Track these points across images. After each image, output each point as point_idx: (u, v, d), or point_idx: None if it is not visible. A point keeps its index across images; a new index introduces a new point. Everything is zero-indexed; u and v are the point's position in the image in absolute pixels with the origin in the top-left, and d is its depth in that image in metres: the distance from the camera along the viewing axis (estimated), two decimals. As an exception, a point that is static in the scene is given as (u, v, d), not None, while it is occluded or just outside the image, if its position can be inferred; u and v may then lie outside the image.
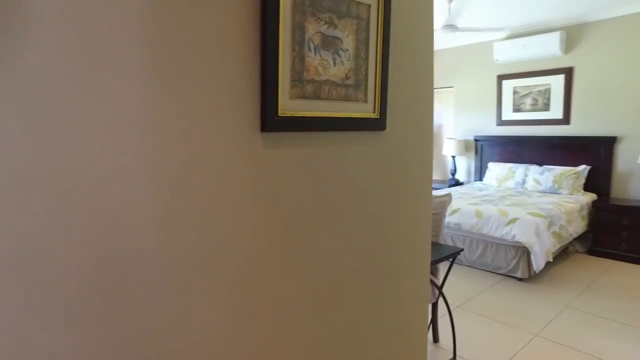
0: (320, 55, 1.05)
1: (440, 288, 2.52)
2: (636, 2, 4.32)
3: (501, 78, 5.60)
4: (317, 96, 1.06)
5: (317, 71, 1.05)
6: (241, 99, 0.92)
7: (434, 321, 2.74)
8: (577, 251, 4.52)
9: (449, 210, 4.22)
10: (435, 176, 6.67)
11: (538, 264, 3.55)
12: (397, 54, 1.28)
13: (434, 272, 2.63)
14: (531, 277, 3.73)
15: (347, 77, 1.12)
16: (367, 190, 1.23)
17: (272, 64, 0.94)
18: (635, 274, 3.88)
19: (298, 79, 1.01)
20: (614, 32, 4.63)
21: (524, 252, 3.64)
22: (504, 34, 5.50)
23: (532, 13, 4.72)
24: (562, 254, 4.36)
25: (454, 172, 6.03)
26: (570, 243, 4.47)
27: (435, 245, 2.55)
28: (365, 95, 1.18)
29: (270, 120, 0.96)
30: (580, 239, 4.49)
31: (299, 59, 1.00)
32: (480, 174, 5.89)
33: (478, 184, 5.64)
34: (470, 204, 4.16)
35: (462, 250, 2.42)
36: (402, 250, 1.37)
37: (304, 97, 1.03)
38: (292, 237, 1.06)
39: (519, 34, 5.36)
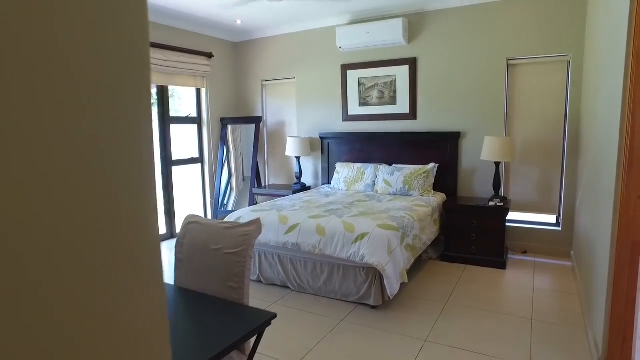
0: None
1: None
2: (473, -14, 4.04)
3: (345, 68, 4.98)
4: None
5: None
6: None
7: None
8: (430, 258, 4.07)
9: (284, 228, 3.31)
10: (280, 180, 5.81)
11: (392, 288, 2.85)
12: None
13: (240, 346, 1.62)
14: (385, 303, 3.04)
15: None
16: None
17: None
18: (485, 279, 3.51)
19: None
20: (452, 22, 4.32)
21: (376, 274, 2.92)
22: (346, 19, 4.88)
23: (373, -9, 4.14)
24: (416, 263, 3.84)
25: (299, 176, 5.23)
26: (424, 250, 3.98)
27: (237, 311, 1.55)
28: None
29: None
30: (433, 244, 4.04)
31: None
32: (328, 175, 5.21)
33: (326, 187, 4.92)
34: (312, 217, 3.32)
35: (274, 317, 1.46)
36: None
37: None
38: None
39: (362, 19, 4.79)
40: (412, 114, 4.63)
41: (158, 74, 4.71)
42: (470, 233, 3.86)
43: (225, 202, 5.59)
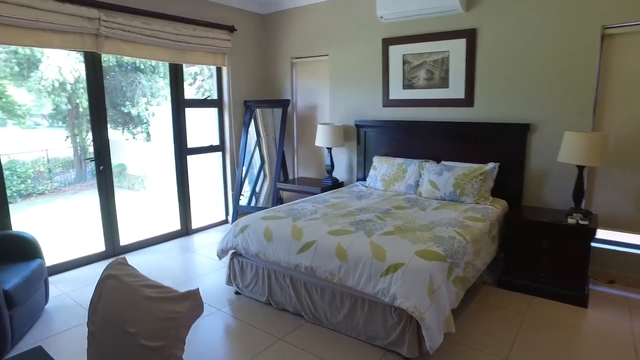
0: None
1: None
2: None
3: (387, 42, 4.13)
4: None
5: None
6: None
7: None
8: (484, 282, 3.24)
9: (297, 246, 2.62)
10: (309, 173, 5.11)
11: (433, 341, 2.10)
12: None
13: None
14: (423, 354, 2.29)
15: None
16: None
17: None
18: (560, 320, 2.66)
19: None
20: (528, -21, 3.35)
21: (412, 318, 2.17)
22: (390, -19, 4.00)
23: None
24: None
25: (330, 169, 4.50)
26: (476, 274, 3.16)
27: None
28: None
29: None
30: (489, 265, 3.21)
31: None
32: (364, 170, 4.44)
33: (360, 185, 4.17)
34: (333, 232, 2.60)
35: None
36: None
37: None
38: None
39: (408, -19, 3.89)
40: (468, 100, 3.73)
41: (168, 50, 4.10)
42: (539, 256, 2.99)
43: (257, 190, 4.93)
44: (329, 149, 4.44)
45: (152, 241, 4.37)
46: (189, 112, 4.60)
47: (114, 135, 12.82)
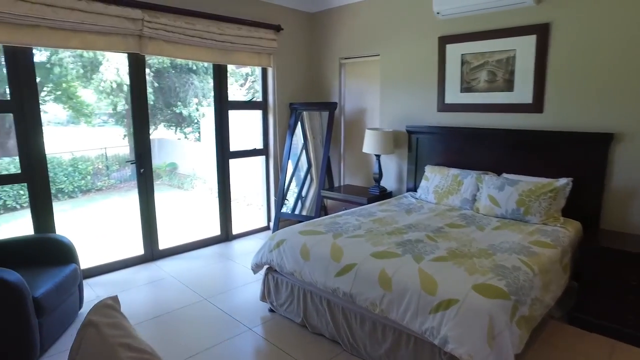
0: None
1: None
2: None
3: (444, 41, 3.76)
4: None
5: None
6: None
7: None
8: (552, 317, 2.80)
9: (335, 268, 2.35)
10: (356, 181, 4.82)
11: (492, 396, 1.75)
12: None
13: None
14: (478, 406, 1.93)
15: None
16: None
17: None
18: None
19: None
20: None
21: (466, 365, 1.83)
22: (449, -26, 3.63)
23: None
24: (529, 329, 2.61)
25: (378, 178, 4.19)
26: (543, 307, 2.73)
27: None
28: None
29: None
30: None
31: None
32: (415, 180, 4.08)
33: (410, 197, 3.82)
34: (377, 255, 2.30)
35: None
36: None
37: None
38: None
39: (471, -28, 3.50)
40: (537, 105, 3.28)
41: (212, 50, 3.97)
42: (625, 292, 2.51)
43: (303, 195, 4.72)
44: (378, 156, 4.13)
45: (191, 246, 4.28)
46: (233, 114, 4.47)
47: (167, 134, 13.21)
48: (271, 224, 4.88)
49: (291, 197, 4.81)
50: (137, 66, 3.65)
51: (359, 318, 2.30)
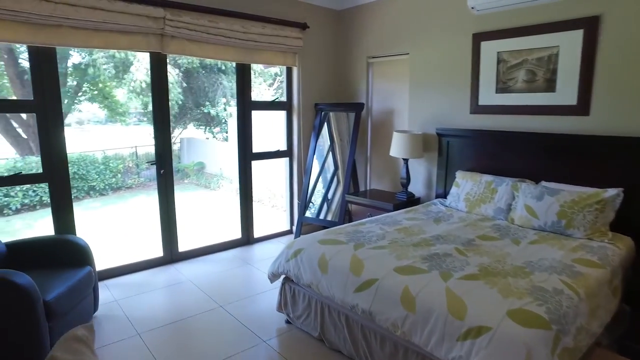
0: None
1: None
2: None
3: (479, 38, 3.51)
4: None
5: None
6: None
7: None
8: (598, 344, 2.51)
9: (355, 282, 2.17)
10: (382, 185, 4.61)
11: None
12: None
13: None
14: None
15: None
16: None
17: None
18: None
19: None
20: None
21: (499, 401, 1.61)
22: (486, -34, 3.38)
23: None
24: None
25: (405, 183, 3.97)
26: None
27: None
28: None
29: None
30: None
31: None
32: (445, 186, 3.84)
33: (439, 204, 3.59)
34: (401, 270, 2.11)
35: None
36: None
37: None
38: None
39: (510, -37, 3.24)
40: (582, 107, 2.99)
41: (235, 49, 3.87)
42: (682, 319, 2.22)
43: (330, 197, 4.55)
44: (405, 160, 3.91)
45: (211, 249, 4.19)
46: (257, 115, 4.36)
47: (197, 133, 13.32)
48: (294, 228, 4.74)
49: (318, 199, 4.65)
50: (158, 65, 3.59)
51: (379, 338, 2.11)
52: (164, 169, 3.75)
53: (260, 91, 12.15)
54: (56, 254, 2.82)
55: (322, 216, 4.53)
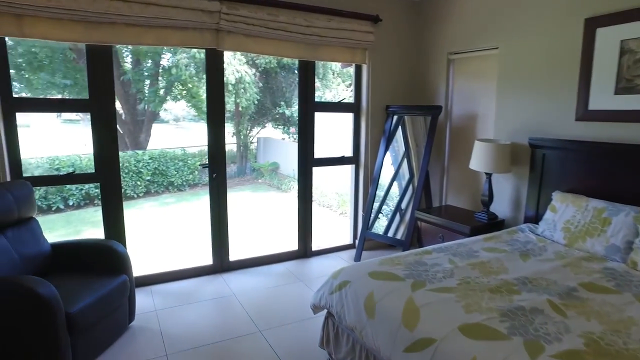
0: None
1: None
2: None
3: (594, 23, 2.76)
4: None
5: None
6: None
7: None
8: None
9: (406, 338, 1.67)
10: (460, 202, 3.97)
11: None
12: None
13: None
14: None
15: None
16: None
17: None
18: None
19: None
20: None
21: None
22: None
23: None
24: None
25: (487, 201, 3.33)
26: None
27: None
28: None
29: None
30: None
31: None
32: (537, 209, 3.14)
33: (527, 232, 2.90)
34: (469, 328, 1.57)
35: None
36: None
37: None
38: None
39: None
40: None
41: (297, 44, 3.53)
42: None
43: (403, 207, 4.03)
44: (488, 175, 3.27)
45: (264, 260, 3.91)
46: (322, 117, 3.99)
47: (274, 133, 13.34)
48: (357, 243, 4.29)
49: (391, 202, 4.14)
50: (214, 63, 3.37)
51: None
52: (217, 172, 3.53)
53: (338, 92, 11.83)
54: (94, 260, 2.69)
55: (393, 228, 4.02)
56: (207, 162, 3.51)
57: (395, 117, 4.12)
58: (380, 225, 4.11)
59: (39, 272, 2.56)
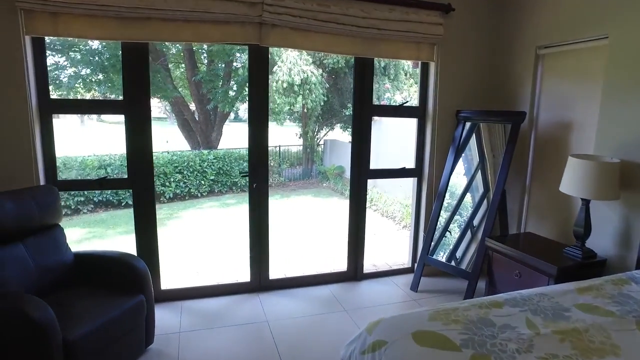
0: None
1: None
2: None
3: None
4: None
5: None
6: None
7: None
8: None
9: None
10: (543, 230, 3.24)
11: None
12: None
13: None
14: None
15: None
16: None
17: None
18: None
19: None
20: None
21: None
22: None
23: None
24: None
25: (582, 234, 2.61)
26: None
27: None
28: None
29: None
30: None
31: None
32: (654, 249, 2.37)
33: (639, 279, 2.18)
34: None
35: None
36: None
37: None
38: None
39: None
40: None
41: (352, 39, 3.08)
42: None
43: (475, 224, 3.43)
44: (586, 201, 2.56)
45: (308, 280, 3.51)
46: (387, 122, 3.49)
47: (341, 136, 12.93)
48: (415, 266, 3.73)
49: (464, 211, 3.55)
50: (258, 60, 3.04)
51: None
52: (258, 182, 3.20)
53: (410, 94, 11.11)
54: (113, 275, 2.47)
55: (461, 248, 3.42)
56: (246, 172, 3.19)
57: (467, 124, 3.50)
58: (446, 243, 3.51)
59: (55, 284, 2.40)
